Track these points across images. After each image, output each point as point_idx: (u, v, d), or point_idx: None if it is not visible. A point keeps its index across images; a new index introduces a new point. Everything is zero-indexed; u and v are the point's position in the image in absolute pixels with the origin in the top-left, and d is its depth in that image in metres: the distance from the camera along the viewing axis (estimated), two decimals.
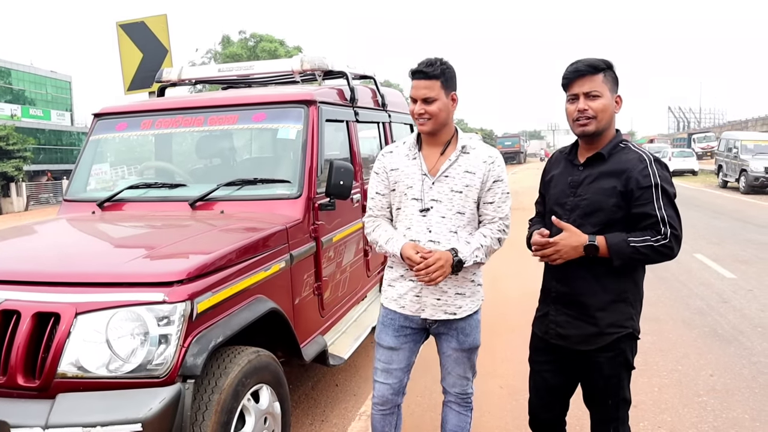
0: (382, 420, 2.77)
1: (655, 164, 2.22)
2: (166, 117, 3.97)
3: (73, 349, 2.26)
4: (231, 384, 2.47)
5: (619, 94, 2.31)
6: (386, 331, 2.68)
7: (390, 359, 2.69)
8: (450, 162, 2.54)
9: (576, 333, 2.37)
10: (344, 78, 4.54)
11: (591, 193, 2.29)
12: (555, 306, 2.44)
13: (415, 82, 2.50)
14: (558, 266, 2.37)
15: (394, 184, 2.61)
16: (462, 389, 2.74)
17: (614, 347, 2.32)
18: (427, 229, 2.52)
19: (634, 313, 2.34)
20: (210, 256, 2.59)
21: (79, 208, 3.82)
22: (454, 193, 2.52)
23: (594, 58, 2.29)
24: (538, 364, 2.61)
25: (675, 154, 32.32)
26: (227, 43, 39.59)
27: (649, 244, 2.16)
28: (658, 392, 4.15)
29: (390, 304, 2.66)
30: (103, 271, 2.50)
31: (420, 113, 2.49)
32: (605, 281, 2.29)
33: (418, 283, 2.53)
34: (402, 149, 2.65)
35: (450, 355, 2.68)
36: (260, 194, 3.55)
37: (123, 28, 6.70)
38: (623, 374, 2.37)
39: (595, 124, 2.25)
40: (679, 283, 7.30)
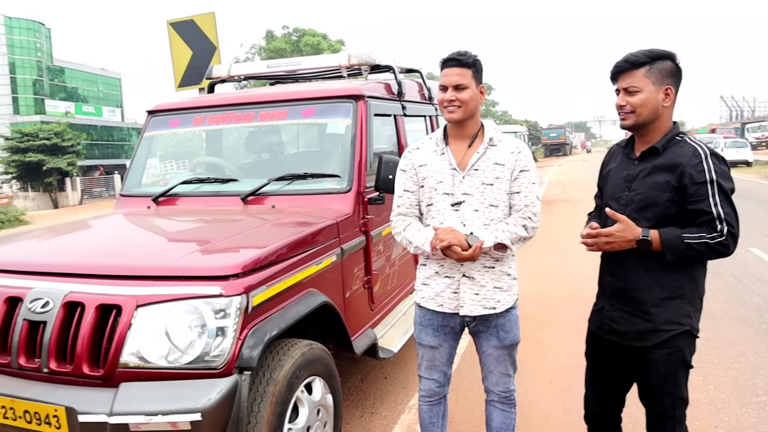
0: (430, 410, 2.81)
1: (711, 158, 2.17)
2: (217, 113, 4.04)
3: (134, 340, 2.33)
4: (285, 376, 2.52)
5: (670, 87, 2.24)
6: (425, 331, 2.69)
7: (432, 357, 2.72)
8: (479, 155, 2.54)
9: (631, 329, 2.34)
10: (391, 72, 4.54)
11: (645, 188, 2.26)
12: (610, 301, 2.42)
13: (447, 69, 2.51)
14: (612, 261, 2.36)
15: (423, 180, 2.60)
16: (505, 387, 2.72)
17: (670, 344, 2.28)
18: (461, 223, 2.52)
19: (692, 310, 2.29)
20: (264, 250, 2.64)
21: (135, 203, 3.93)
22: (485, 185, 2.52)
23: (639, 51, 2.26)
24: (593, 359, 2.60)
25: (728, 144, 31.32)
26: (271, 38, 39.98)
27: (704, 241, 2.12)
28: (714, 391, 4.05)
29: (427, 303, 2.66)
30: (162, 265, 2.57)
31: (451, 100, 2.49)
32: (660, 277, 2.26)
33: (455, 278, 2.55)
34: (429, 145, 2.65)
35: (491, 354, 2.67)
36: (310, 189, 3.59)
37: (173, 26, 6.85)
38: (680, 372, 2.33)
39: (633, 118, 2.26)
40: (734, 279, 7.08)
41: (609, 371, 2.52)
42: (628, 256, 2.28)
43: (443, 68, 2.54)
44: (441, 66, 2.55)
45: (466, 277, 2.55)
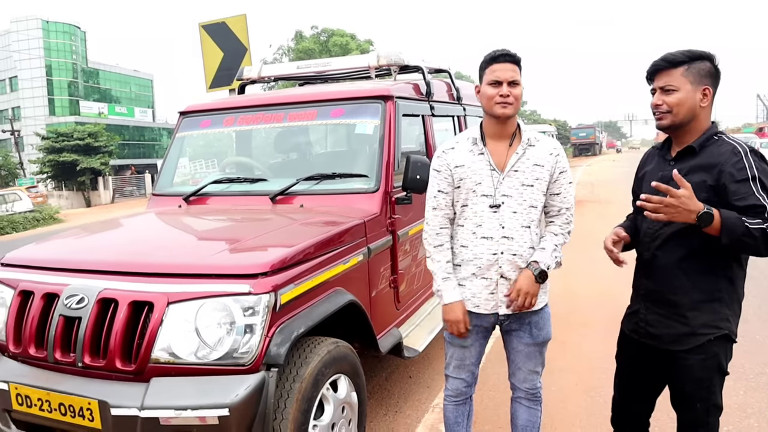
0: (455, 410, 2.81)
1: (751, 155, 2.12)
2: (247, 114, 4.10)
3: (165, 336, 2.39)
4: (311, 373, 2.55)
5: (708, 87, 2.20)
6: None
7: (463, 356, 2.72)
8: (518, 155, 2.52)
9: (667, 332, 2.30)
10: (419, 72, 4.55)
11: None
12: (645, 304, 2.39)
13: (500, 65, 2.47)
14: (648, 263, 2.33)
15: (459, 181, 2.56)
16: (532, 384, 2.72)
17: (707, 349, 2.23)
18: (500, 225, 2.51)
19: (730, 314, 2.24)
20: (292, 249, 2.68)
21: (167, 202, 4.02)
22: (525, 187, 2.51)
23: (679, 50, 2.22)
24: (625, 363, 2.56)
25: (763, 144, 30.61)
26: (300, 38, 40.29)
27: (762, 228, 2.02)
28: (744, 395, 3.98)
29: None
30: (192, 263, 2.63)
31: (506, 95, 2.45)
32: (697, 279, 2.22)
33: (493, 279, 2.54)
34: (465, 145, 2.60)
35: (521, 351, 2.67)
36: (338, 188, 3.62)
37: (205, 29, 6.96)
38: (715, 378, 2.28)
39: (670, 118, 2.21)
40: None
41: (640, 375, 2.48)
42: (664, 257, 2.26)
43: (494, 63, 2.49)
44: (489, 61, 2.50)
45: (503, 279, 2.54)
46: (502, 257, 2.51)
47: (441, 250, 2.62)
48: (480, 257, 2.53)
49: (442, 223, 2.62)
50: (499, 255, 2.51)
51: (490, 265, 2.53)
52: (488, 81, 2.49)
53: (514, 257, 2.51)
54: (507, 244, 2.50)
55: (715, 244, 2.13)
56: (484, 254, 2.52)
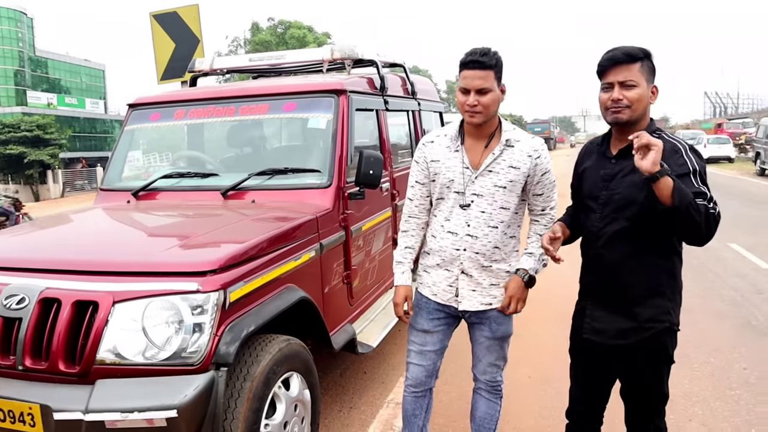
0: (414, 402, 2.80)
1: (690, 153, 2.16)
2: (198, 107, 4.02)
3: (111, 337, 2.33)
4: (262, 372, 2.52)
5: (655, 85, 2.25)
6: (420, 314, 2.71)
7: (424, 341, 2.72)
8: (494, 156, 2.50)
9: (613, 328, 2.33)
10: (374, 66, 4.54)
11: (624, 187, 2.24)
12: (592, 300, 2.42)
13: (469, 72, 2.41)
14: (594, 260, 2.36)
15: (434, 175, 2.59)
16: (492, 377, 2.76)
17: (653, 342, 2.28)
18: (465, 223, 2.53)
19: (672, 306, 2.30)
20: (242, 246, 2.64)
21: (115, 198, 3.91)
22: (497, 188, 2.50)
23: (632, 46, 2.22)
24: (577, 357, 2.59)
25: (710, 140, 31.62)
26: (256, 30, 39.78)
27: (704, 204, 2.03)
28: (689, 385, 4.11)
29: (424, 290, 2.70)
30: (139, 260, 2.56)
31: (473, 105, 2.42)
32: (641, 275, 2.26)
33: (453, 273, 2.58)
34: (443, 140, 2.61)
35: (482, 343, 2.70)
36: (291, 184, 3.58)
37: (156, 18, 6.78)
38: (662, 368, 2.35)
39: (629, 113, 2.20)
40: (713, 274, 7.18)
41: (593, 369, 2.52)
42: (609, 255, 2.29)
43: (463, 69, 2.44)
44: (461, 66, 2.45)
45: (464, 274, 2.57)
46: (464, 254, 2.54)
47: (404, 236, 2.72)
48: (444, 250, 2.58)
49: (413, 212, 2.70)
50: (462, 251, 2.55)
51: (453, 259, 2.57)
52: (459, 87, 2.48)
53: (476, 255, 2.54)
54: (470, 242, 2.53)
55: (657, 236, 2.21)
56: (448, 248, 2.57)
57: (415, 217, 2.70)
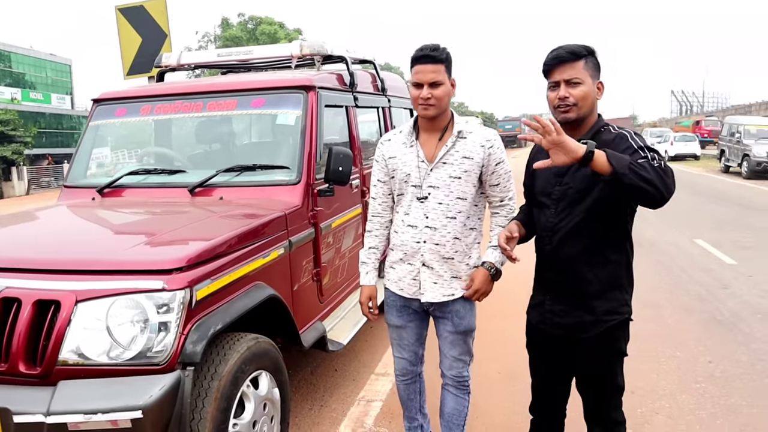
0: (406, 389, 2.94)
1: (635, 136, 2.20)
2: (165, 102, 3.96)
3: (73, 337, 2.27)
4: (230, 371, 2.49)
5: (600, 81, 2.28)
6: (391, 312, 2.80)
7: (400, 336, 2.83)
8: (447, 148, 2.56)
9: (573, 322, 2.36)
10: (344, 63, 4.51)
11: (577, 181, 2.25)
12: (550, 295, 2.44)
13: (421, 66, 2.49)
14: (551, 255, 2.37)
15: (392, 172, 2.66)
16: (458, 372, 2.79)
17: (607, 334, 2.33)
18: (424, 215, 2.59)
19: (627, 298, 2.36)
20: (209, 243, 2.60)
21: (79, 195, 3.83)
22: (452, 179, 2.55)
23: (575, 44, 2.25)
24: (535, 352, 2.62)
25: (677, 138, 32.20)
26: (226, 25, 39.36)
27: (646, 160, 2.04)
28: (657, 378, 4.17)
29: (391, 286, 2.76)
30: (103, 258, 2.50)
31: (427, 98, 2.49)
32: (598, 269, 2.29)
33: (416, 266, 2.63)
34: (399, 137, 2.69)
35: (446, 338, 2.74)
36: (259, 180, 3.55)
37: (122, 12, 6.66)
38: (617, 360, 2.39)
39: (576, 111, 2.22)
40: (679, 269, 7.31)
41: (552, 363, 2.55)
42: (566, 250, 2.31)
43: (416, 64, 2.50)
44: (413, 61, 2.52)
45: (425, 267, 2.62)
46: (425, 246, 2.60)
47: (368, 236, 2.82)
48: (406, 244, 2.64)
49: (376, 211, 2.78)
50: (422, 244, 2.60)
51: (414, 252, 2.62)
52: (412, 82, 2.55)
53: (436, 246, 2.59)
54: (429, 234, 2.58)
55: (613, 227, 2.25)
56: (408, 242, 2.63)
57: (379, 216, 2.78)
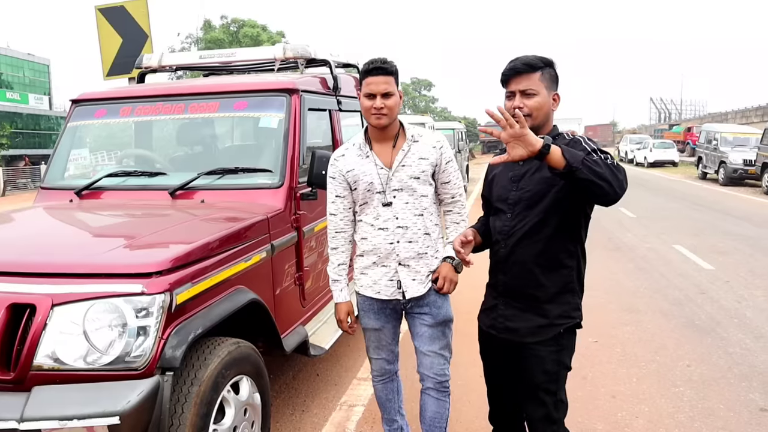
0: (384, 388, 2.97)
1: (589, 140, 2.21)
2: (145, 104, 3.91)
3: (49, 341, 2.22)
4: (211, 376, 2.45)
5: (557, 92, 2.32)
6: (368, 315, 2.83)
7: (378, 338, 2.86)
8: (404, 152, 2.68)
9: (525, 325, 2.35)
10: (327, 66, 4.50)
11: (534, 184, 2.28)
12: (503, 299, 2.42)
13: (373, 78, 2.59)
14: (505, 260, 2.36)
15: (354, 184, 2.71)
16: (440, 369, 2.79)
17: (558, 341, 2.32)
18: (394, 217, 2.68)
19: (579, 303, 2.37)
20: (190, 246, 2.57)
21: (57, 196, 3.77)
22: (413, 179, 2.67)
23: (532, 55, 2.29)
24: (487, 358, 2.60)
25: (656, 145, 32.62)
26: (209, 28, 39.14)
27: (600, 156, 2.03)
28: (637, 383, 4.20)
29: (366, 291, 2.78)
30: (81, 261, 2.46)
31: (380, 107, 2.58)
32: (551, 272, 2.30)
33: (392, 267, 2.70)
34: (353, 150, 2.75)
35: (424, 333, 2.77)
36: (241, 183, 3.52)
37: (102, 12, 6.57)
38: (561, 372, 2.36)
39: (530, 121, 2.20)
40: (659, 274, 7.38)
41: (504, 370, 2.51)
42: (520, 254, 2.31)
43: (367, 76, 2.61)
44: (364, 73, 2.62)
45: (402, 266, 2.70)
46: (399, 245, 2.68)
47: (335, 253, 2.84)
48: (379, 247, 2.70)
49: (338, 226, 2.81)
50: (396, 244, 2.68)
51: (388, 253, 2.69)
52: (364, 93, 2.64)
53: (410, 244, 2.69)
54: (402, 233, 2.68)
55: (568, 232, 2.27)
56: (381, 244, 2.69)
57: (342, 232, 2.81)
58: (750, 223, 11.54)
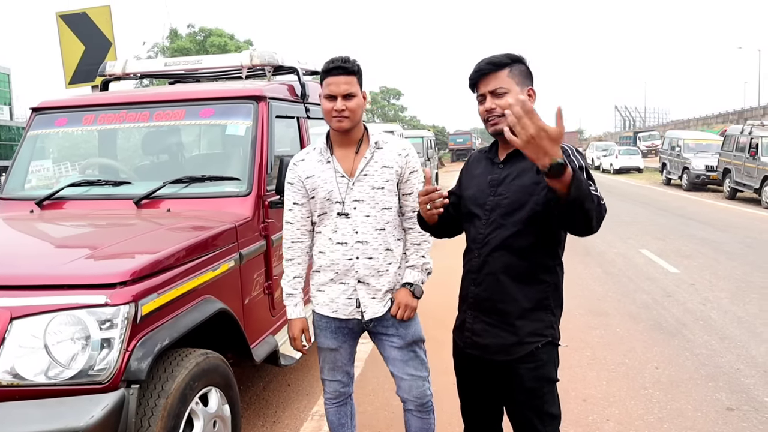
0: (337, 412, 2.78)
1: (576, 153, 2.09)
2: (109, 112, 3.83)
3: (7, 356, 2.15)
4: (178, 388, 2.40)
5: (531, 87, 2.18)
6: (324, 334, 2.65)
7: (334, 359, 2.68)
8: (366, 160, 2.51)
9: (494, 342, 2.19)
10: (295, 74, 4.47)
11: (512, 192, 2.13)
12: (472, 313, 2.25)
13: (333, 78, 2.42)
14: (478, 270, 2.22)
15: (312, 191, 2.54)
16: (420, 391, 2.65)
17: (535, 358, 2.15)
18: (353, 230, 2.50)
19: (554, 320, 2.21)
20: (155, 256, 2.51)
21: (16, 207, 3.66)
22: (375, 190, 2.51)
23: (498, 54, 2.16)
24: (461, 374, 2.44)
25: (621, 152, 33.20)
26: (175, 36, 38.74)
27: (599, 196, 1.93)
28: (607, 386, 4.23)
29: (322, 310, 2.61)
30: (41, 273, 2.39)
31: (341, 110, 2.41)
32: (525, 286, 2.14)
33: (350, 284, 2.54)
34: (313, 155, 2.59)
35: (395, 357, 2.63)
36: (209, 192, 3.47)
37: (63, 18, 6.44)
38: (546, 387, 2.19)
39: (506, 121, 2.01)
40: (626, 278, 7.49)
41: (478, 386, 2.37)
42: (493, 264, 2.17)
43: (327, 76, 2.44)
44: (325, 74, 2.45)
45: (361, 283, 2.53)
46: (358, 262, 2.51)
47: (290, 265, 2.66)
48: (336, 263, 2.53)
49: (295, 236, 2.63)
50: (355, 260, 2.51)
51: (347, 270, 2.52)
52: (324, 94, 2.47)
53: (370, 261, 2.52)
54: (362, 249, 2.50)
55: (545, 246, 2.11)
56: (340, 260, 2.52)
57: (299, 242, 2.63)
58: (713, 227, 11.79)
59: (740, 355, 4.81)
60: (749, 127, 17.16)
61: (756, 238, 10.33)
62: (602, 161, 34.95)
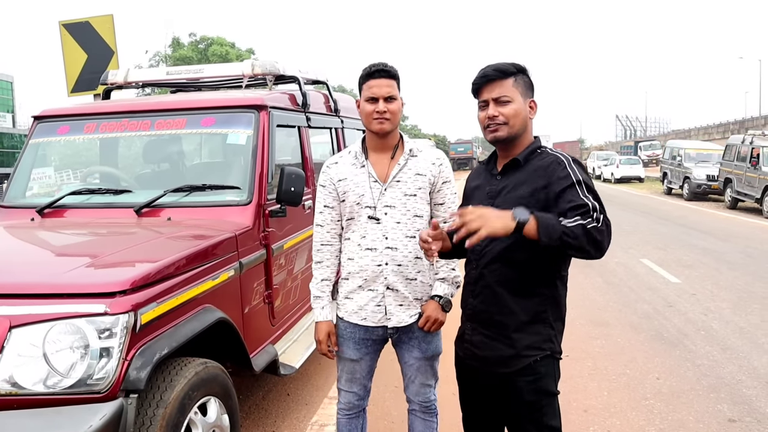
0: (349, 424, 2.76)
1: (574, 164, 2.09)
2: (110, 120, 3.84)
3: (6, 365, 2.15)
4: (177, 397, 2.39)
5: (533, 99, 2.20)
6: (347, 344, 2.63)
7: (353, 370, 2.67)
8: (400, 166, 2.52)
9: (492, 354, 2.19)
10: (296, 83, 4.48)
11: (509, 203, 2.08)
12: (471, 324, 2.27)
13: (376, 81, 2.45)
14: (476, 282, 2.23)
15: (343, 195, 2.54)
16: (425, 397, 2.70)
17: (533, 371, 2.14)
18: (383, 236, 2.50)
19: (554, 334, 2.17)
20: (155, 265, 2.51)
21: (17, 215, 3.67)
22: (407, 197, 2.51)
23: (504, 62, 2.16)
24: (463, 384, 2.45)
25: (622, 161, 33.24)
26: (177, 45, 38.89)
27: (580, 224, 1.91)
28: (608, 396, 4.22)
29: (351, 317, 2.59)
30: (41, 281, 2.39)
31: (382, 111, 2.44)
32: (523, 299, 2.13)
33: (379, 291, 2.52)
34: (348, 158, 2.60)
35: (413, 365, 2.64)
36: (209, 201, 3.47)
37: (66, 27, 6.47)
38: (545, 400, 2.17)
39: (506, 129, 2.12)
40: (627, 288, 7.47)
41: (479, 397, 2.37)
42: (491, 276, 2.17)
43: (369, 79, 2.47)
44: (366, 77, 2.48)
45: (390, 290, 2.52)
46: (387, 268, 2.50)
47: (319, 268, 2.63)
48: (365, 269, 2.51)
49: (325, 239, 2.62)
50: (384, 266, 2.50)
51: (375, 276, 2.51)
52: (365, 97, 2.48)
53: (399, 267, 2.50)
54: (391, 255, 2.49)
55: (543, 259, 2.08)
56: (369, 266, 2.50)
57: (328, 245, 2.62)
58: (714, 237, 11.77)
59: (742, 366, 4.79)
60: (750, 136, 17.18)
61: (757, 248, 10.32)
62: (603, 170, 34.99)
